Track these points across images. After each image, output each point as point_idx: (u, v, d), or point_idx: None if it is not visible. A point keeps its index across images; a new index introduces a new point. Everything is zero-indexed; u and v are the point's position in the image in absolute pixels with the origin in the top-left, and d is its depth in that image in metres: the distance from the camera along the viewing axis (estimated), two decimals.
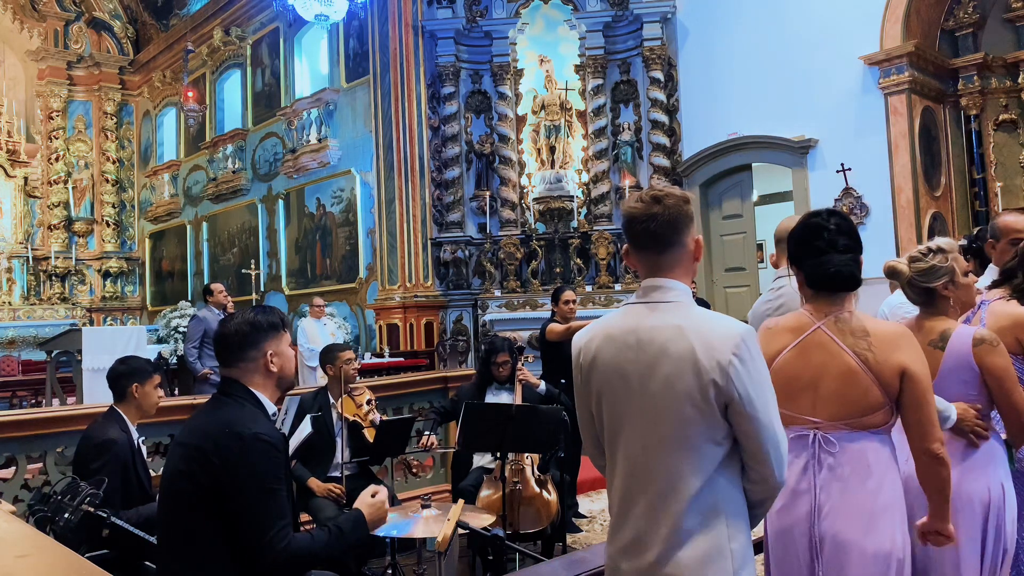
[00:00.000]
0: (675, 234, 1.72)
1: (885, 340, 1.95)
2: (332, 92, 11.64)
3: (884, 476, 1.95)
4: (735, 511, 1.67)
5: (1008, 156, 8.31)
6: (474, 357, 9.75)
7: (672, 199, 1.72)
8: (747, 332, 1.63)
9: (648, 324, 1.69)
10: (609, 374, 1.74)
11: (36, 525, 2.58)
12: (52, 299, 15.30)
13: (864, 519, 1.92)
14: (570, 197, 10.18)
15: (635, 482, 1.70)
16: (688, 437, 1.63)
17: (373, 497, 2.24)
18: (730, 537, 1.64)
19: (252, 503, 1.99)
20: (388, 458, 4.66)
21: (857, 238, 2.06)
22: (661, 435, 1.65)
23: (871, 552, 1.90)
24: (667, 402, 1.64)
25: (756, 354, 1.63)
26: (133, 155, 16.86)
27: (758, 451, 1.62)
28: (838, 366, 1.96)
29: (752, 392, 1.60)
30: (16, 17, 15.37)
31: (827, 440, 1.97)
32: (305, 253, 12.22)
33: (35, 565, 1.65)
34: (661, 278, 1.73)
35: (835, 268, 2.00)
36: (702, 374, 1.61)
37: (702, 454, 1.63)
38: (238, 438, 2.02)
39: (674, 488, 1.64)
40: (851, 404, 1.95)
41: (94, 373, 6.65)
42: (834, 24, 8.48)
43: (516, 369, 4.58)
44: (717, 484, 1.64)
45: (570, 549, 4.36)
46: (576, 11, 10.38)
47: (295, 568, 2.03)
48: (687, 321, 1.66)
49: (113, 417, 3.31)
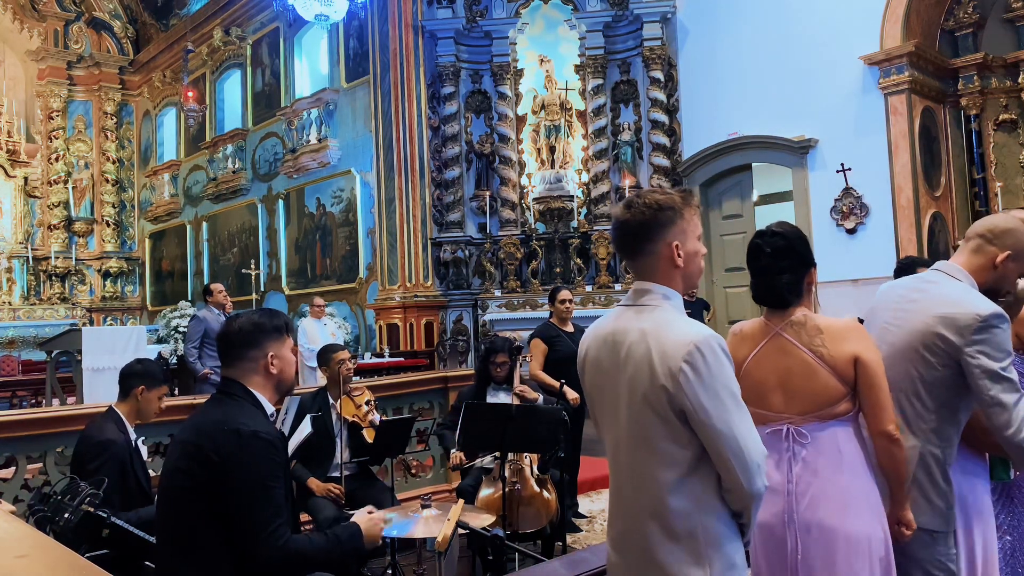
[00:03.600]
0: (643, 241, 1.73)
1: (836, 334, 2.06)
2: (332, 92, 11.64)
3: (856, 461, 2.04)
4: (712, 517, 1.65)
5: (1008, 156, 8.31)
6: (474, 357, 9.75)
7: (641, 206, 1.73)
8: (703, 340, 1.61)
9: (622, 326, 1.74)
10: (592, 373, 1.81)
11: (36, 525, 2.58)
12: (52, 299, 15.31)
13: (843, 503, 2.00)
14: (570, 197, 10.18)
15: (616, 478, 1.77)
16: (650, 438, 1.66)
17: (371, 515, 2.28)
18: (707, 542, 1.63)
19: (249, 500, 2.00)
20: (388, 458, 4.65)
21: (800, 255, 2.14)
22: (629, 434, 1.70)
23: (855, 534, 1.98)
24: (631, 403, 1.68)
25: (713, 362, 1.60)
26: (133, 155, 16.87)
27: (719, 458, 1.62)
28: (799, 364, 2.08)
29: (705, 400, 1.59)
30: (16, 17, 15.37)
31: (799, 433, 2.07)
32: (305, 253, 12.23)
33: (35, 565, 1.65)
34: (646, 282, 1.75)
35: (765, 290, 2.14)
36: (655, 379, 1.63)
37: (667, 455, 1.64)
38: (236, 435, 2.03)
39: (644, 487, 1.67)
40: (816, 397, 2.06)
41: (94, 373, 6.65)
42: (834, 24, 8.48)
43: (515, 370, 4.58)
44: (691, 487, 1.64)
45: (570, 549, 4.36)
46: (576, 11, 10.39)
47: (289, 567, 2.04)
48: (650, 325, 1.68)
49: (111, 417, 3.31)
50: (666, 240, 1.72)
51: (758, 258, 2.15)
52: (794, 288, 2.12)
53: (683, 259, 1.73)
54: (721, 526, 1.65)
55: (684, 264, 1.74)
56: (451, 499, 4.62)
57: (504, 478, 3.83)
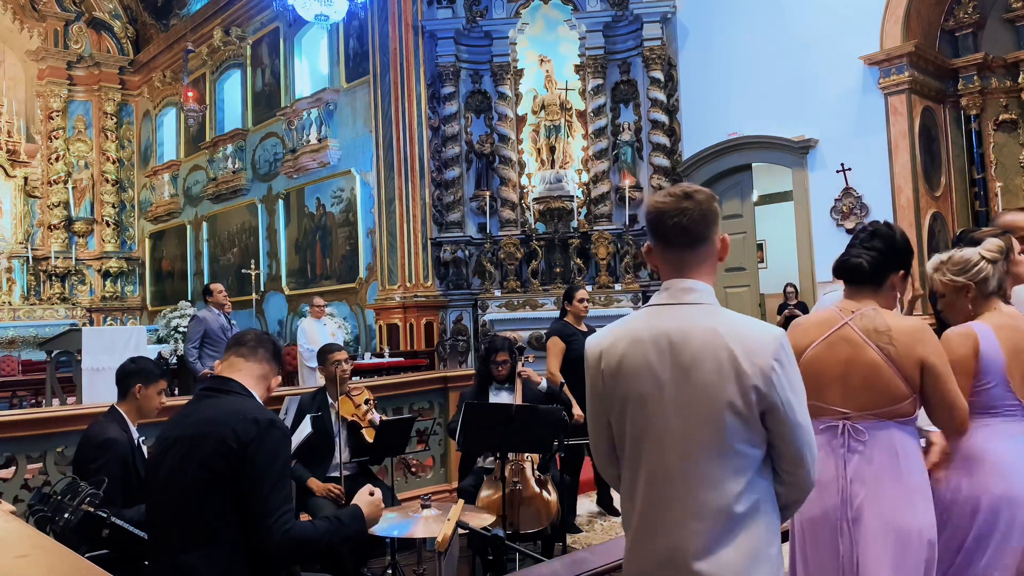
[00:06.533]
0: (705, 229, 1.70)
1: (905, 335, 2.05)
2: (332, 92, 11.64)
3: (912, 462, 2.05)
4: (772, 514, 1.66)
5: (1008, 156, 8.31)
6: (474, 357, 9.75)
7: (702, 195, 1.72)
8: (784, 336, 1.63)
9: (681, 327, 1.64)
10: (639, 379, 1.66)
11: (36, 525, 2.58)
12: (52, 299, 15.31)
13: (899, 501, 2.02)
14: (570, 197, 10.18)
15: (669, 489, 1.63)
16: (728, 442, 1.60)
17: (371, 496, 2.31)
18: (769, 541, 1.63)
19: (265, 487, 2.05)
20: (388, 458, 4.65)
21: (896, 248, 2.15)
22: (700, 440, 1.61)
23: (909, 532, 2.00)
24: (706, 407, 1.60)
25: (792, 358, 1.64)
26: (133, 155, 16.86)
27: (795, 454, 1.62)
28: (863, 359, 2.06)
29: (791, 397, 1.60)
30: (16, 17, 15.37)
31: (856, 430, 2.07)
32: (305, 253, 12.22)
33: (35, 565, 1.65)
34: (687, 279, 1.69)
35: (845, 256, 2.14)
36: (744, 379, 1.57)
37: (742, 458, 1.61)
38: (255, 423, 2.09)
39: (716, 494, 1.59)
40: (877, 395, 2.05)
41: (94, 373, 6.66)
42: (834, 24, 8.48)
43: (516, 369, 4.58)
44: (756, 487, 1.62)
45: (570, 549, 4.37)
46: (576, 11, 10.38)
47: (295, 552, 2.09)
48: (724, 325, 1.63)
49: (113, 416, 3.31)
50: (718, 231, 1.73)
51: (857, 235, 2.18)
52: (875, 269, 2.11)
53: (723, 253, 1.75)
54: (775, 524, 1.67)
55: (721, 259, 1.76)
56: (451, 499, 4.62)
57: (504, 478, 3.83)
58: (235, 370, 2.29)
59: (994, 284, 2.39)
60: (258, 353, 2.34)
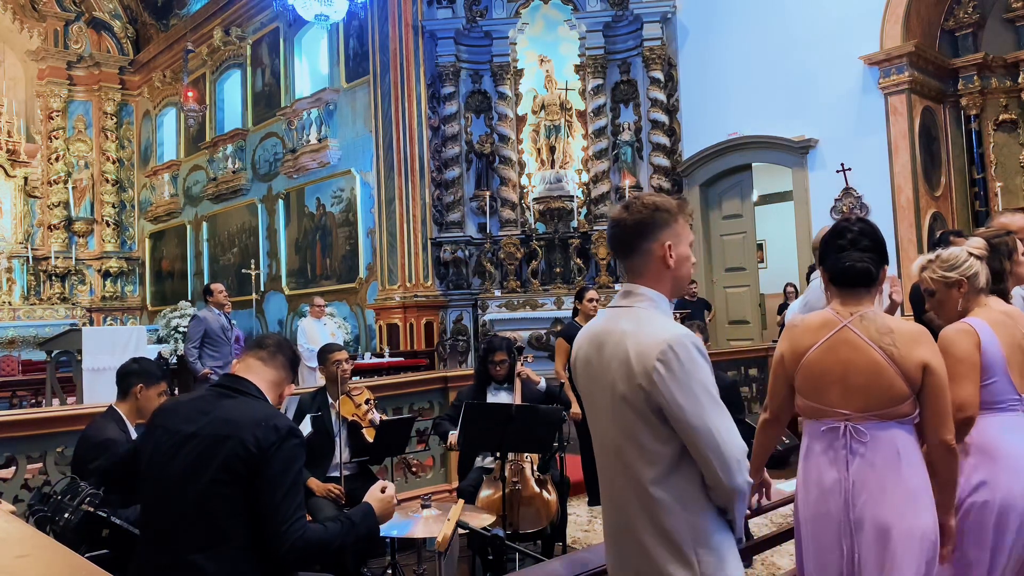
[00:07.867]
0: (638, 241, 1.76)
1: (907, 336, 2.07)
2: (332, 92, 11.64)
3: (913, 462, 2.06)
4: (697, 515, 1.66)
5: (1008, 156, 8.31)
6: (474, 357, 9.75)
7: (639, 206, 1.77)
8: (676, 339, 1.64)
9: (607, 328, 1.78)
10: (582, 373, 1.85)
11: (36, 525, 2.58)
12: (52, 299, 15.31)
13: (901, 502, 2.03)
14: (570, 197, 10.18)
15: (606, 471, 1.80)
16: (633, 435, 1.69)
17: (383, 492, 2.32)
18: (693, 540, 1.64)
19: (279, 493, 2.06)
20: (388, 458, 4.65)
21: (880, 246, 2.17)
22: (615, 431, 1.73)
23: (910, 532, 2.01)
24: (614, 401, 1.72)
25: (686, 360, 1.63)
26: (133, 155, 16.87)
27: (698, 455, 1.64)
28: (865, 361, 2.07)
29: (679, 398, 1.62)
30: (16, 17, 15.38)
31: (857, 431, 2.08)
32: (305, 253, 12.23)
33: (35, 565, 1.65)
34: (633, 283, 1.79)
35: (849, 263, 2.13)
36: (632, 378, 1.67)
37: (649, 452, 1.67)
38: (276, 430, 2.11)
39: (631, 482, 1.70)
40: (878, 396, 2.06)
41: (94, 373, 6.66)
42: (834, 24, 8.48)
43: (515, 368, 4.58)
44: (672, 483, 1.66)
45: (570, 549, 4.36)
46: (576, 11, 10.39)
47: (309, 556, 2.10)
48: (630, 326, 1.72)
49: (112, 416, 3.31)
50: (660, 240, 1.75)
51: (843, 235, 2.16)
52: (875, 272, 2.13)
53: (675, 261, 1.76)
54: (708, 524, 1.66)
55: (675, 266, 1.76)
56: (451, 499, 4.62)
57: (504, 478, 3.83)
58: (251, 372, 2.30)
59: (983, 280, 2.40)
60: (277, 359, 2.35)
